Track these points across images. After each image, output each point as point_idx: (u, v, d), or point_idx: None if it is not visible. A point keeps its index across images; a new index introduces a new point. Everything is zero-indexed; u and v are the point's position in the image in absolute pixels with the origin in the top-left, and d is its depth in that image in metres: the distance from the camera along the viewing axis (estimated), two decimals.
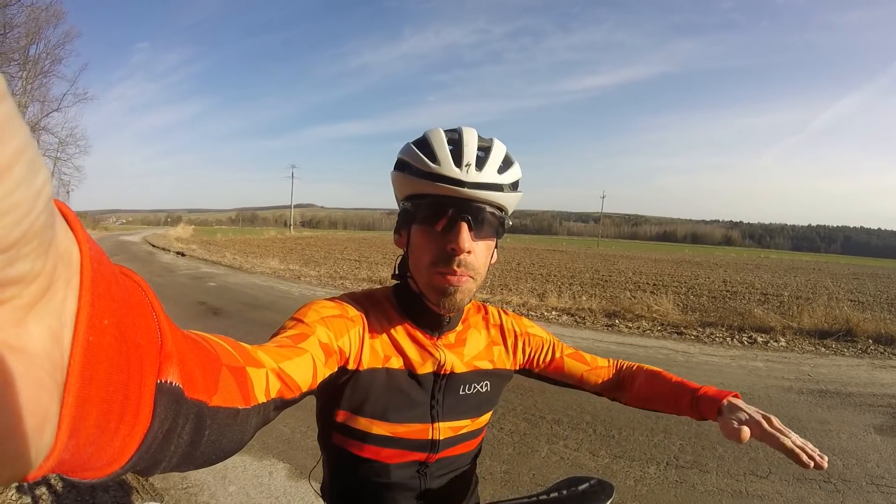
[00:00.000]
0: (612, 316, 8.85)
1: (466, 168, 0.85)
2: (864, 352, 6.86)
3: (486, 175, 0.86)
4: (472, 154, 0.87)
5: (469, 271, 0.87)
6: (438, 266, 0.87)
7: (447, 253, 0.86)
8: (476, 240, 0.87)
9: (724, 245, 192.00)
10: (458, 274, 0.86)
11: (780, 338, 7.45)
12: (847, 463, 3.48)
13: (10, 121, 0.18)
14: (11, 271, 0.19)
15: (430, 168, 0.86)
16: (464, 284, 0.88)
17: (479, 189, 0.86)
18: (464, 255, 0.86)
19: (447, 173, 0.85)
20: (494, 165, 0.88)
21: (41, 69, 24.33)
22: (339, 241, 39.80)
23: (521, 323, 1.14)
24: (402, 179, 0.91)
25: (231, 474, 3.08)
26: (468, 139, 0.88)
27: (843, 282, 20.27)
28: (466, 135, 0.89)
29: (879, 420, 4.32)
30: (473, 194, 0.86)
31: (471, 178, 0.85)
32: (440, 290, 0.87)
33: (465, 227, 0.85)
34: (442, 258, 0.86)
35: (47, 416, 0.22)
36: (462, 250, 0.85)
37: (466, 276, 0.87)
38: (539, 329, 1.16)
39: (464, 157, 0.86)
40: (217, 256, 19.39)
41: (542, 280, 15.25)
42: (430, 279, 0.88)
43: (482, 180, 0.86)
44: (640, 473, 3.27)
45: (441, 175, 0.85)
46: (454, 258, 0.85)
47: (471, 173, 0.85)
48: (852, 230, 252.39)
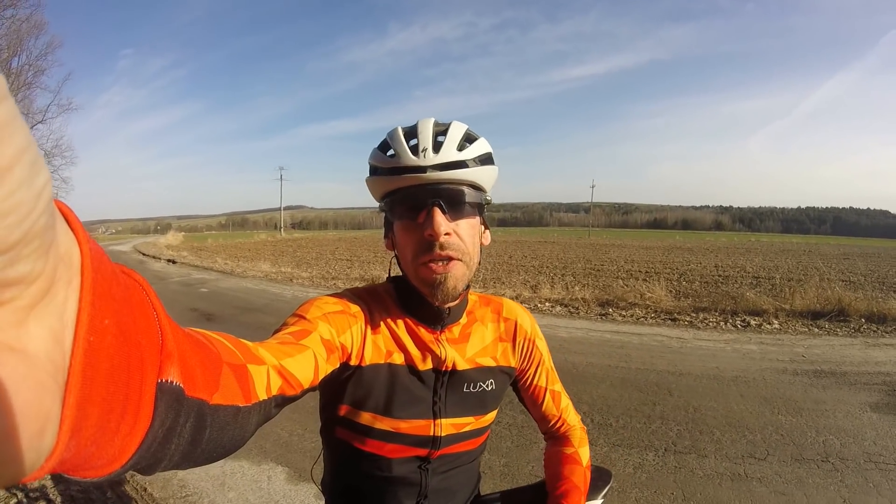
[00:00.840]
0: (605, 305, 8.87)
1: (423, 153, 0.86)
2: (856, 331, 6.91)
3: (444, 155, 0.86)
4: (427, 139, 0.87)
5: (455, 253, 0.87)
6: (421, 256, 0.86)
7: (426, 240, 0.86)
8: (455, 220, 0.88)
9: (715, 230, 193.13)
10: (444, 258, 0.86)
11: (774, 320, 7.49)
12: (844, 441, 3.49)
13: (10, 121, 0.18)
14: (12, 272, 0.19)
15: (391, 163, 0.88)
16: (452, 270, 0.87)
17: (441, 170, 0.86)
18: (444, 239, 0.85)
19: (406, 163, 0.86)
20: (453, 144, 0.88)
21: (24, 81, 24.06)
22: (330, 242, 39.77)
23: (535, 328, 1.12)
24: (372, 182, 0.93)
25: (230, 480, 3.05)
26: (422, 127, 0.89)
27: (834, 262, 20.49)
28: (421, 124, 0.90)
29: (875, 398, 4.34)
30: (437, 176, 0.86)
31: (429, 162, 0.85)
32: (429, 282, 0.87)
33: (437, 212, 0.85)
34: (423, 248, 0.86)
35: (49, 416, 0.22)
36: (439, 234, 0.84)
37: (454, 259, 0.87)
38: (545, 346, 1.14)
39: (420, 144, 0.87)
40: (208, 262, 19.31)
41: (534, 272, 15.30)
42: (416, 272, 0.88)
43: (441, 160, 0.86)
44: (638, 460, 3.27)
45: (401, 167, 0.87)
46: (434, 244, 0.85)
47: (428, 157, 0.85)
48: (842, 211, 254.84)
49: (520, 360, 1.09)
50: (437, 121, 0.91)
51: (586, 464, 1.12)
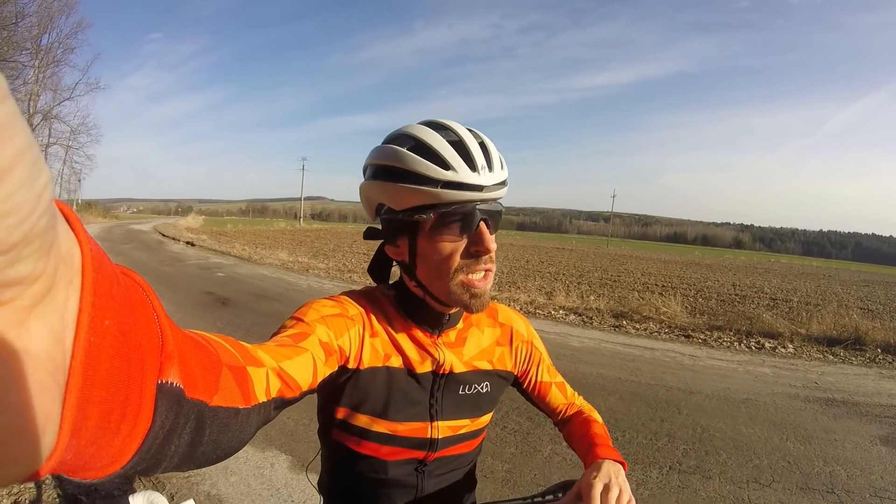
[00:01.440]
0: (619, 317, 8.83)
1: (482, 171, 0.84)
2: (872, 361, 6.80)
3: (497, 174, 0.87)
4: (479, 154, 0.85)
5: (493, 266, 0.90)
6: (466, 271, 0.87)
7: (472, 255, 0.87)
8: (492, 234, 0.89)
9: (735, 248, 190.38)
10: (486, 270, 0.88)
11: (788, 344, 7.40)
12: (851, 473, 3.46)
13: (11, 122, 0.18)
14: (13, 272, 0.19)
15: (446, 176, 0.81)
16: (490, 282, 0.90)
17: (496, 189, 0.87)
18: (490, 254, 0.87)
19: (467, 180, 0.82)
20: (499, 162, 0.88)
21: (53, 58, 24.45)
22: (349, 234, 39.80)
23: (530, 330, 1.14)
24: (399, 191, 0.85)
25: (233, 464, 3.11)
26: (467, 138, 0.86)
27: (854, 289, 20.09)
28: (462, 133, 0.86)
29: (886, 431, 4.29)
30: (492, 195, 0.86)
31: (488, 181, 0.84)
32: (471, 294, 0.88)
33: (487, 227, 0.86)
34: (468, 262, 0.87)
35: (49, 417, 0.22)
36: (491, 251, 0.86)
37: (490, 271, 0.89)
38: (541, 344, 1.16)
39: (475, 158, 0.84)
40: (226, 247, 19.46)
41: (550, 279, 15.22)
42: (454, 286, 0.88)
43: (497, 180, 0.86)
44: (642, 477, 3.27)
45: (460, 183, 0.82)
46: (481, 259, 0.87)
47: (486, 175, 0.84)
48: (863, 236, 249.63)
49: (518, 364, 1.10)
50: (471, 128, 0.90)
51: (601, 422, 1.13)
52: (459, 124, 0.89)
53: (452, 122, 0.89)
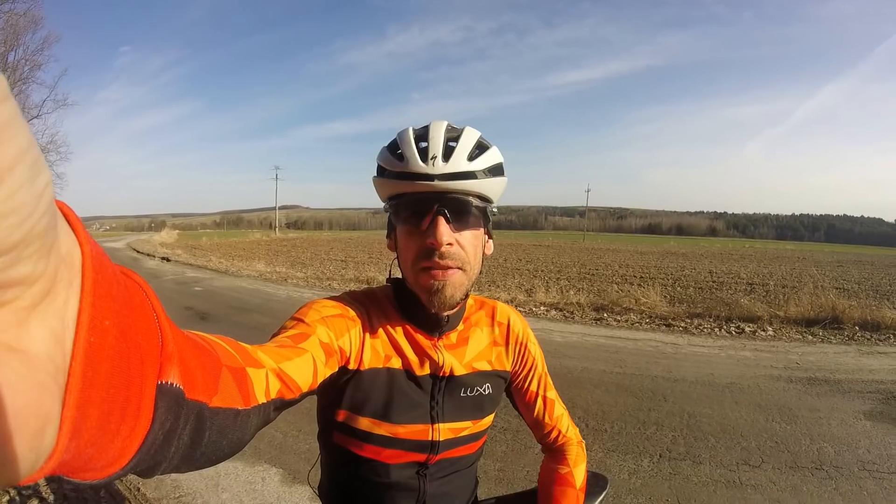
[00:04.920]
0: (600, 309, 8.89)
1: (433, 161, 0.84)
2: (850, 338, 6.94)
3: (454, 165, 0.85)
4: (438, 146, 0.85)
5: (455, 262, 0.86)
6: (420, 262, 0.86)
7: (427, 248, 0.85)
8: (458, 231, 0.86)
9: (709, 236, 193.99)
10: (442, 267, 0.85)
11: (768, 327, 7.53)
12: (838, 449, 3.50)
13: (12, 121, 0.18)
14: (13, 273, 0.19)
15: (400, 167, 0.86)
16: (451, 278, 0.86)
17: (450, 180, 0.84)
18: (445, 248, 0.84)
19: (414, 169, 0.84)
20: (464, 153, 0.86)
21: (20, 76, 23.92)
22: (325, 242, 39.74)
23: (527, 332, 1.11)
24: (379, 183, 0.91)
25: (224, 481, 3.03)
26: (434, 132, 0.87)
27: (828, 269, 20.60)
28: (433, 128, 0.88)
29: (868, 406, 4.36)
30: (445, 186, 0.84)
31: (438, 171, 0.84)
32: (427, 288, 0.86)
33: (441, 221, 0.84)
34: (423, 254, 0.86)
35: (49, 417, 0.22)
36: (440, 244, 0.83)
37: (453, 267, 0.86)
38: (538, 350, 1.12)
39: (430, 150, 0.85)
40: (202, 261, 19.26)
41: (529, 275, 15.33)
42: (416, 278, 0.88)
43: (451, 170, 0.84)
44: (633, 466, 3.27)
45: (409, 172, 0.85)
46: (434, 253, 0.84)
47: (437, 165, 0.84)
48: (835, 218, 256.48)
49: (513, 362, 1.08)
50: (451, 125, 0.90)
51: (580, 486, 1.10)
52: (447, 122, 0.90)
53: (444, 121, 0.90)
